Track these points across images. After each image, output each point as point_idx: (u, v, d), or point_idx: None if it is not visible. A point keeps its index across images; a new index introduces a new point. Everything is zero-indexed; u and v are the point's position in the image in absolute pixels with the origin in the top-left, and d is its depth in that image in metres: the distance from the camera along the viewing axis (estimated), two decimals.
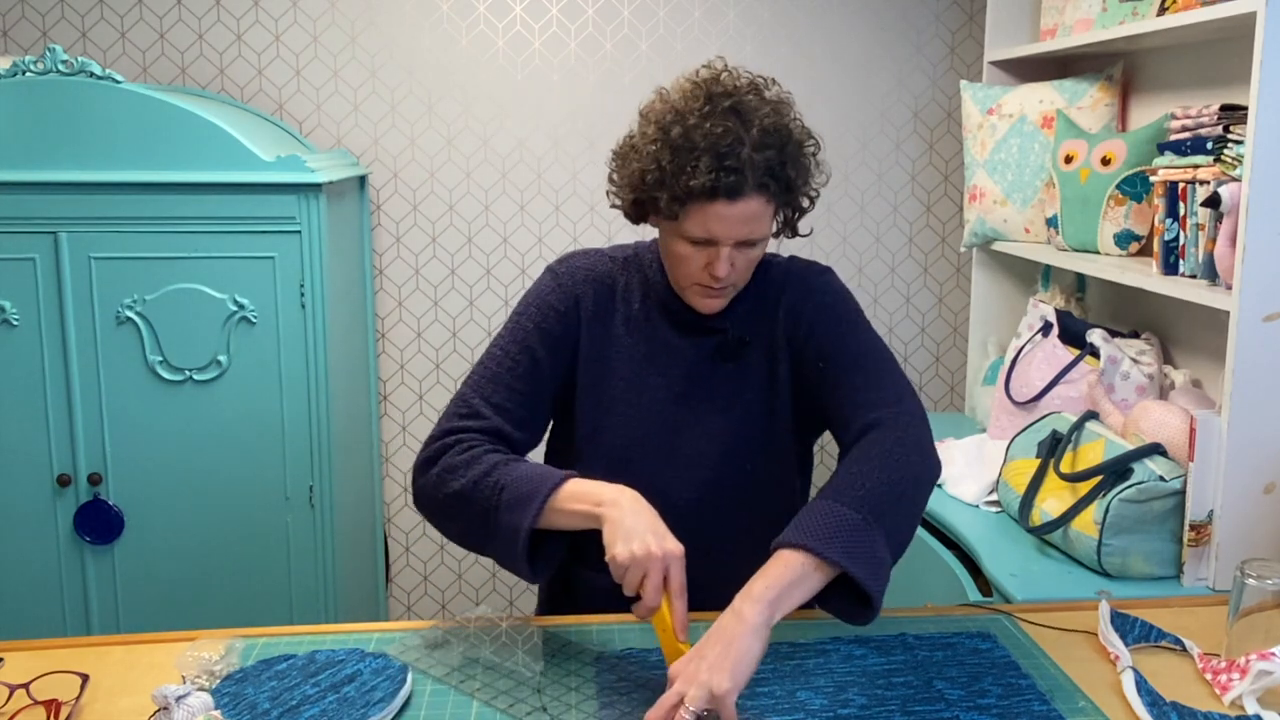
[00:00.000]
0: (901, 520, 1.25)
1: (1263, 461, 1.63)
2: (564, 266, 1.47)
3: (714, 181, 1.27)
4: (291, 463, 2.35)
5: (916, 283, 2.98)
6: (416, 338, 2.88)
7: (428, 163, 2.81)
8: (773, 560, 1.18)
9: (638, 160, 1.34)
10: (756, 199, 1.30)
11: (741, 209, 1.30)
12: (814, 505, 1.22)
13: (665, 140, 1.30)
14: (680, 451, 1.44)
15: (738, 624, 1.12)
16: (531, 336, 1.42)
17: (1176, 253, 1.84)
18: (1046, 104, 2.37)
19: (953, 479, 2.10)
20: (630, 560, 1.18)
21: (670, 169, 1.29)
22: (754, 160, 1.28)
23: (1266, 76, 1.54)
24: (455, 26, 2.75)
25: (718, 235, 1.32)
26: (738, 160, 1.27)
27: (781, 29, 2.81)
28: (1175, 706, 1.19)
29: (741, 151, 1.27)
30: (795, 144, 1.35)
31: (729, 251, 1.33)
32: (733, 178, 1.27)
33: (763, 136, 1.29)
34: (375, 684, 1.20)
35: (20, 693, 1.18)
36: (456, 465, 1.32)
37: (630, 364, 1.45)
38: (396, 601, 2.99)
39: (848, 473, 1.25)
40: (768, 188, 1.31)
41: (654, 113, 1.35)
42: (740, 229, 1.31)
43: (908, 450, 1.28)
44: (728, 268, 1.33)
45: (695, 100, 1.31)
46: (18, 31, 2.68)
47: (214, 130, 2.22)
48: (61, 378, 2.26)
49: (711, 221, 1.30)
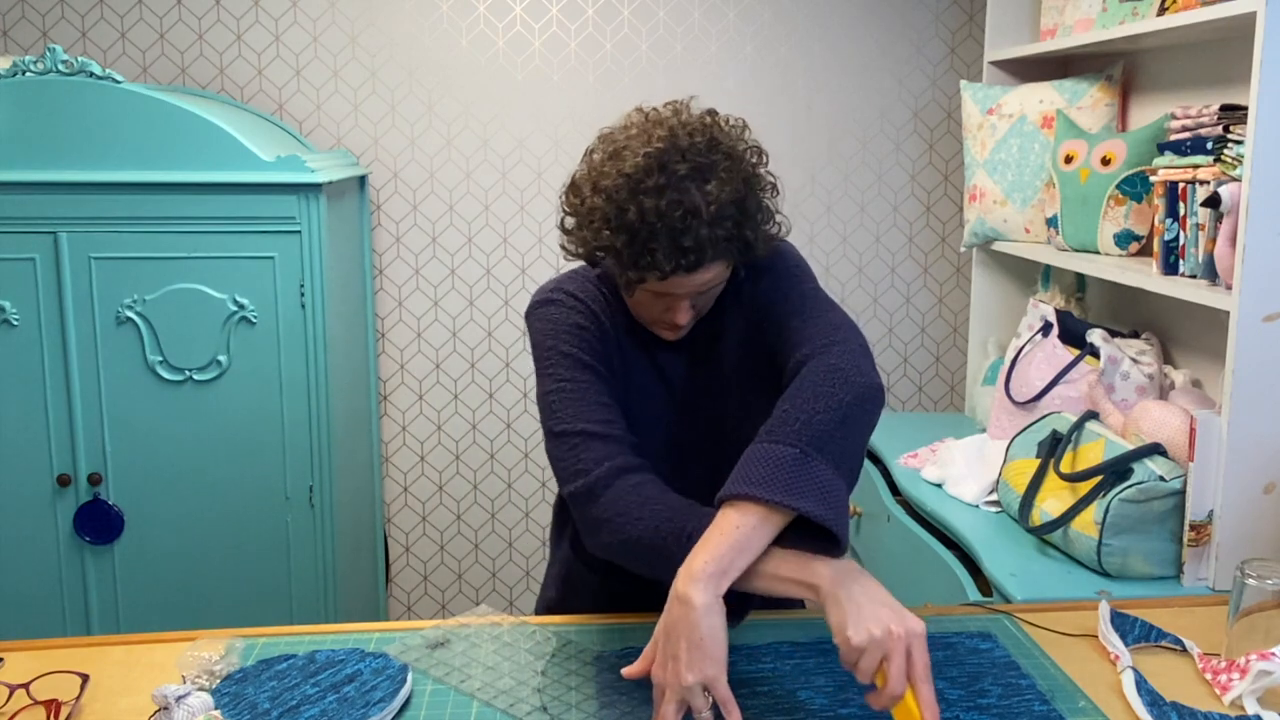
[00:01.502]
0: (847, 445, 1.17)
1: (1263, 461, 1.63)
2: (559, 293, 1.40)
3: (672, 265, 1.21)
4: (291, 463, 2.35)
5: (916, 283, 2.98)
6: (416, 338, 2.88)
7: (428, 163, 2.81)
8: (714, 524, 1.12)
9: (591, 234, 1.26)
10: (715, 265, 1.25)
11: (699, 276, 1.25)
12: (750, 450, 1.16)
13: (621, 221, 1.22)
14: (691, 453, 1.43)
15: (690, 611, 1.07)
16: (584, 354, 1.33)
17: (1176, 253, 1.84)
18: (1046, 104, 2.37)
19: (953, 479, 2.10)
20: (869, 643, 1.06)
21: (626, 252, 1.22)
22: (712, 236, 1.21)
23: (1266, 76, 1.54)
24: (455, 26, 2.75)
25: (675, 292, 1.27)
26: (695, 239, 1.20)
27: (781, 29, 2.81)
28: (1175, 706, 1.19)
29: (700, 231, 1.20)
30: (753, 201, 1.27)
31: (688, 303, 1.29)
32: (691, 258, 1.21)
33: (720, 210, 1.22)
34: (375, 684, 1.20)
35: (20, 693, 1.18)
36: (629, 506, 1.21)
37: (641, 374, 1.42)
38: (396, 601, 2.99)
39: (780, 411, 1.19)
40: (725, 254, 1.25)
41: (605, 179, 1.24)
42: (699, 287, 1.27)
43: (845, 374, 1.21)
44: (688, 315, 1.30)
45: (649, 175, 1.21)
46: (18, 31, 2.68)
47: (214, 130, 2.22)
48: (61, 378, 2.26)
49: (670, 287, 1.26)
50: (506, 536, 2.99)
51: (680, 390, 1.43)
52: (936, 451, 2.26)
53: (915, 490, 2.13)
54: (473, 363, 2.90)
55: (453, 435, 2.93)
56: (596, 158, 1.28)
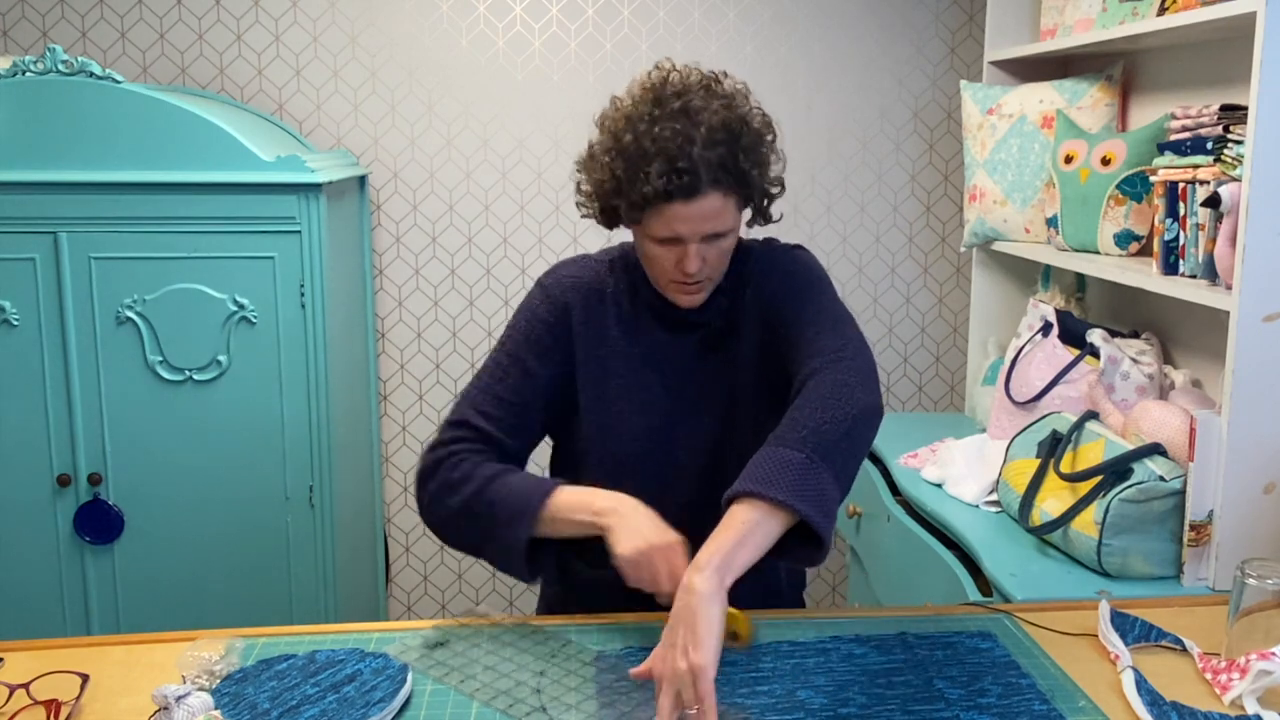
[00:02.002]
0: (847, 457, 1.25)
1: (1263, 461, 1.63)
2: (551, 278, 1.50)
3: (667, 185, 1.29)
4: (291, 463, 2.35)
5: (916, 283, 2.98)
6: (416, 338, 2.88)
7: (428, 163, 2.81)
8: (723, 521, 1.19)
9: (596, 171, 1.38)
10: (713, 195, 1.32)
11: (700, 207, 1.32)
12: (760, 453, 1.24)
13: (618, 149, 1.33)
14: (680, 446, 1.46)
15: (691, 597, 1.13)
16: (522, 348, 1.45)
17: (1176, 253, 1.84)
18: (1046, 104, 2.37)
19: (953, 479, 2.10)
20: (638, 555, 1.23)
21: (625, 177, 1.33)
22: (706, 158, 1.30)
23: (1266, 76, 1.54)
24: (455, 26, 2.75)
25: (682, 234, 1.34)
26: (689, 161, 1.29)
27: (781, 29, 2.81)
28: (1175, 706, 1.19)
29: (692, 151, 1.29)
30: (749, 135, 1.36)
31: (697, 247, 1.35)
32: (685, 179, 1.29)
33: (711, 134, 1.30)
34: (375, 684, 1.20)
35: (20, 693, 1.18)
36: (452, 482, 1.36)
37: (627, 363, 1.47)
38: (396, 601, 2.99)
39: (790, 418, 1.26)
40: (722, 183, 1.32)
41: (608, 120, 1.38)
42: (703, 225, 1.33)
43: (850, 389, 1.28)
44: (698, 263, 1.36)
45: (644, 105, 1.33)
46: (18, 31, 2.68)
47: (214, 130, 2.22)
48: (61, 378, 2.26)
49: (673, 222, 1.33)
50: None
51: (683, 376, 1.46)
52: (936, 451, 2.26)
53: (915, 490, 2.13)
54: (473, 363, 2.90)
55: None
56: (600, 116, 1.40)
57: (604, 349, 1.47)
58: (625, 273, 1.50)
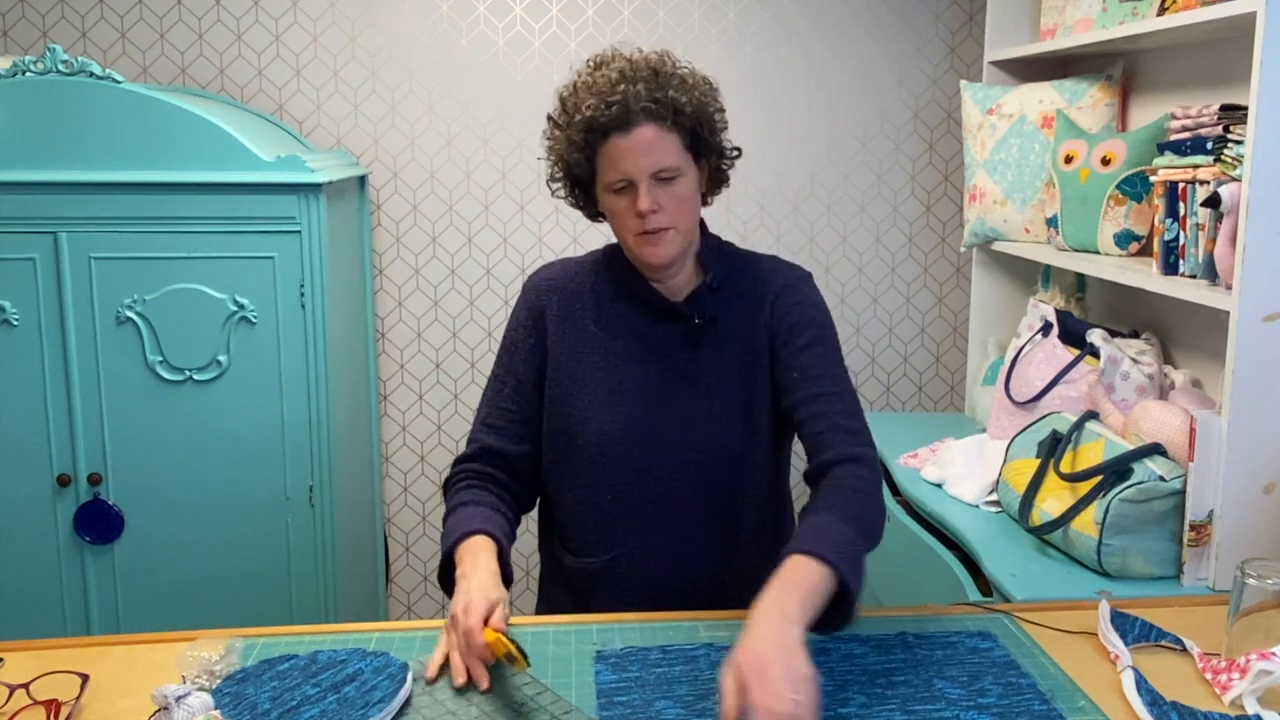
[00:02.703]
0: (873, 540, 1.34)
1: (1263, 461, 1.63)
2: (530, 282, 1.58)
3: (597, 113, 1.38)
4: (291, 463, 2.35)
5: (916, 283, 2.98)
6: (416, 338, 2.88)
7: (428, 163, 2.81)
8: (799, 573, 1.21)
9: (548, 140, 1.49)
10: (649, 126, 1.39)
11: (637, 139, 1.39)
12: (822, 518, 1.29)
13: (560, 104, 1.46)
14: (662, 435, 1.49)
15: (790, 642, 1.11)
16: (509, 357, 1.55)
17: (1176, 253, 1.84)
18: (1046, 104, 2.37)
19: (953, 479, 2.10)
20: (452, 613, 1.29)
21: (564, 120, 1.44)
22: (636, 92, 1.39)
23: (1266, 76, 1.54)
24: (455, 26, 2.75)
25: (629, 172, 1.40)
26: (620, 96, 1.39)
27: (781, 29, 2.81)
28: (1175, 706, 1.19)
29: (621, 87, 1.39)
30: (678, 75, 1.44)
31: (646, 185, 1.41)
32: (615, 109, 1.38)
33: (637, 71, 1.41)
34: (376, 683, 1.20)
35: (20, 693, 1.18)
36: (447, 503, 1.53)
37: (606, 356, 1.51)
38: (396, 601, 2.99)
39: (841, 496, 1.33)
40: (655, 113, 1.39)
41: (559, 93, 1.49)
42: (646, 160, 1.40)
43: (874, 487, 1.37)
44: (649, 200, 1.41)
45: (583, 71, 1.46)
46: (18, 31, 2.68)
47: (214, 130, 2.22)
48: (61, 378, 2.26)
49: (617, 158, 1.40)
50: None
51: (666, 367, 1.51)
52: (936, 451, 2.26)
53: (915, 490, 2.13)
54: (473, 363, 2.90)
55: (453, 435, 2.93)
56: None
57: (582, 344, 1.52)
58: (608, 269, 1.56)
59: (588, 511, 1.52)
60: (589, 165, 1.44)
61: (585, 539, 1.53)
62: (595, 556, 1.53)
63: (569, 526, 1.55)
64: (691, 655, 1.31)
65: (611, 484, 1.50)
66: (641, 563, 1.51)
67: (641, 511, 1.50)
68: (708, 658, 1.30)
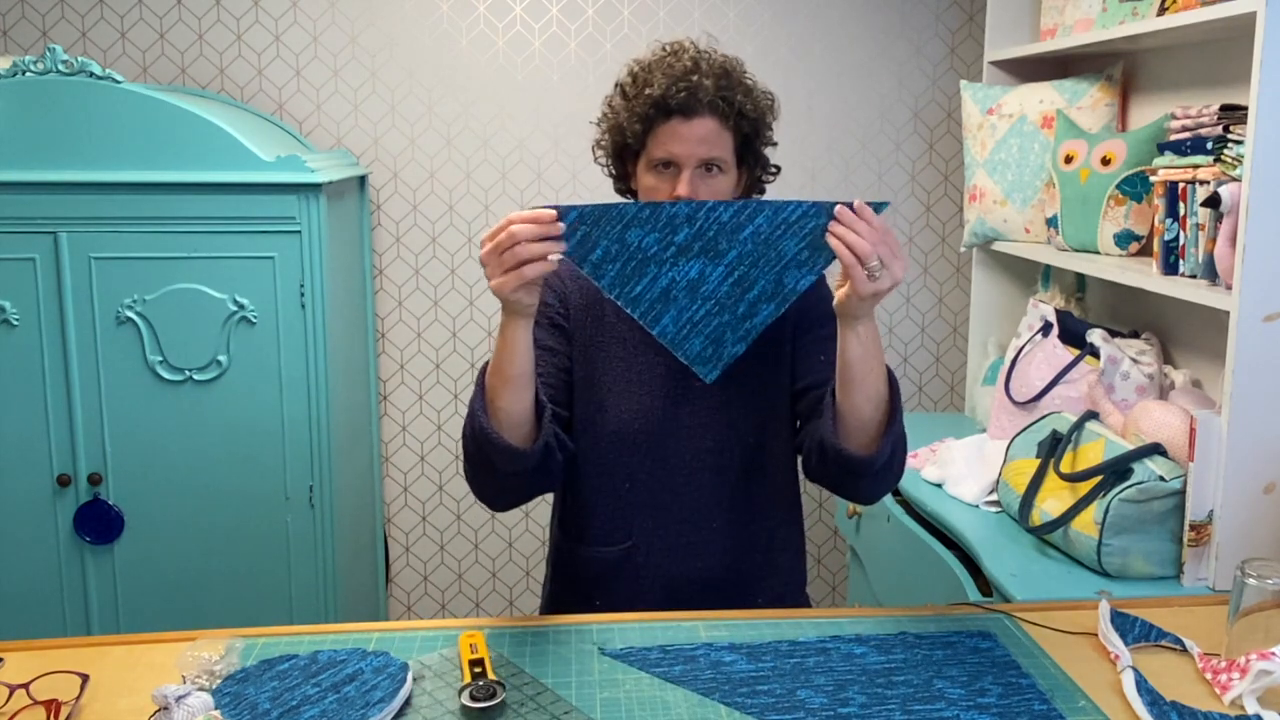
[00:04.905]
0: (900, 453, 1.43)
1: (1263, 461, 1.63)
2: (552, 272, 1.55)
3: (666, 93, 1.41)
4: (291, 463, 2.35)
5: (916, 283, 2.98)
6: (416, 338, 2.88)
7: (428, 163, 2.81)
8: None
9: (609, 109, 1.52)
10: (710, 119, 1.43)
11: (697, 127, 1.42)
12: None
13: (631, 78, 1.49)
14: (682, 424, 1.51)
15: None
16: (540, 329, 1.50)
17: (1176, 253, 1.84)
18: (1046, 104, 2.37)
19: (953, 479, 2.10)
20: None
21: (631, 92, 1.47)
22: (705, 85, 1.42)
23: (1266, 76, 1.54)
24: (455, 26, 2.75)
25: (677, 155, 1.43)
26: (690, 84, 1.42)
27: (781, 29, 2.81)
28: (1175, 706, 1.19)
29: (694, 78, 1.42)
30: (747, 82, 1.49)
31: (690, 174, 1.43)
32: (684, 94, 1.41)
33: (712, 68, 1.45)
34: (376, 683, 1.20)
35: (20, 693, 1.18)
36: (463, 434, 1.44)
37: (625, 347, 1.53)
38: (396, 601, 2.99)
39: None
40: (719, 109, 1.43)
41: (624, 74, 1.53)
42: (698, 148, 1.43)
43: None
44: (689, 188, 1.43)
45: (658, 52, 1.49)
46: (18, 31, 2.68)
47: (214, 130, 2.22)
48: (61, 378, 2.26)
49: (670, 141, 1.43)
50: (506, 536, 2.99)
51: (680, 362, 1.50)
52: (936, 451, 2.26)
53: (915, 490, 2.13)
54: (473, 363, 2.90)
55: (453, 435, 2.93)
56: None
57: (602, 334, 1.54)
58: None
59: (606, 499, 1.53)
60: (642, 139, 1.47)
61: (603, 527, 1.54)
62: (613, 545, 1.54)
63: (587, 515, 1.56)
64: (691, 655, 1.31)
65: (630, 472, 1.51)
66: (659, 550, 1.52)
67: (659, 499, 1.51)
68: (707, 657, 1.30)
